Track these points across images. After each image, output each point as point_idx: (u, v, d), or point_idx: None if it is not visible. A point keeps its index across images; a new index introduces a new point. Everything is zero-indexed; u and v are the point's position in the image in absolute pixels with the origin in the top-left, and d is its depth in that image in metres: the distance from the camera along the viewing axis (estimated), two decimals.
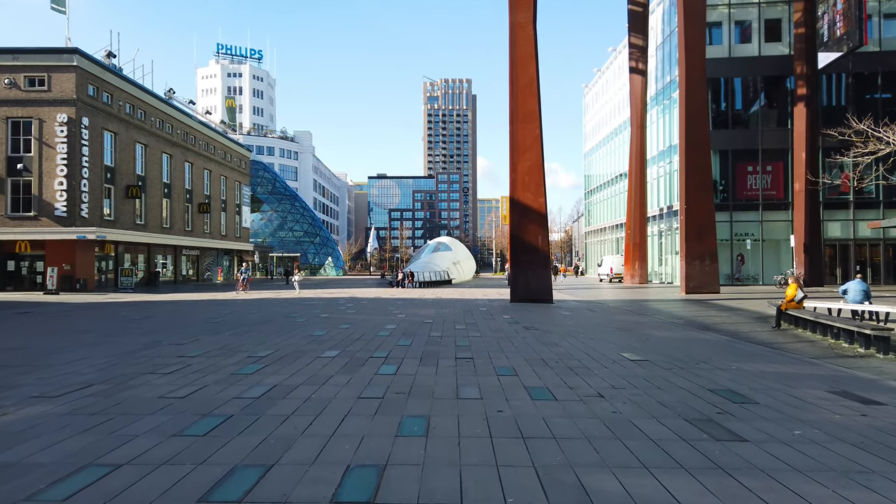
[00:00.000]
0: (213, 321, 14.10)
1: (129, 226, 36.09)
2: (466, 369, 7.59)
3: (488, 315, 15.73)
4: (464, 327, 12.62)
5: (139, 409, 5.53)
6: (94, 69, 32.75)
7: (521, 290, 20.87)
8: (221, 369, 7.55)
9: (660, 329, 12.37)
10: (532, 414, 5.33)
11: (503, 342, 10.21)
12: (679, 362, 8.11)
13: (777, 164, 32.93)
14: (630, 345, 9.90)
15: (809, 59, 29.80)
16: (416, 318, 14.85)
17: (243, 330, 12.10)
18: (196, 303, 21.53)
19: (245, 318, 14.99)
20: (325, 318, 14.87)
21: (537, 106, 20.81)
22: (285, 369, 7.55)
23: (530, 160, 20.66)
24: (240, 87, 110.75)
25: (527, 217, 20.61)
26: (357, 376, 7.09)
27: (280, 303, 21.10)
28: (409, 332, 11.57)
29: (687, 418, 5.20)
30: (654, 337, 10.99)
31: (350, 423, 5.01)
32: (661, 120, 39.38)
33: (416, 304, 20.48)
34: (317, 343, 10.03)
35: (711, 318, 15.29)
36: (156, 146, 39.53)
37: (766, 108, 33.59)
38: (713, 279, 25.38)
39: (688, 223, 25.45)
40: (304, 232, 71.45)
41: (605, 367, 7.78)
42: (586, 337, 10.94)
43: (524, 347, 9.56)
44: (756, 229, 33.32)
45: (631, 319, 14.57)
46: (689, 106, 25.55)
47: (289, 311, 17.26)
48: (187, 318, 14.96)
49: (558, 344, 9.95)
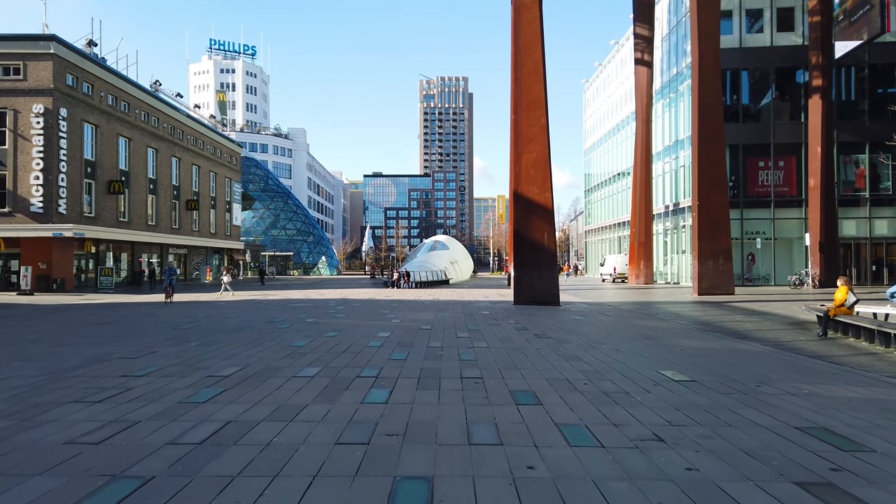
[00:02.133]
0: (183, 327, 12.52)
1: (112, 223, 34.38)
2: (476, 395, 6.06)
3: (492, 320, 14.21)
4: (467, 335, 11.10)
5: (28, 464, 3.98)
6: (73, 57, 31.03)
7: (525, 291, 19.37)
8: (167, 396, 5.99)
9: (689, 337, 10.88)
10: (576, 474, 3.81)
11: (515, 355, 8.69)
12: (736, 384, 6.61)
13: (790, 160, 31.54)
14: (665, 358, 8.40)
15: (825, 49, 28.40)
16: (412, 323, 13.32)
17: (214, 339, 10.54)
18: (176, 304, 19.93)
19: (221, 323, 13.42)
20: (310, 323, 13.31)
21: (543, 93, 19.30)
22: (248, 395, 6.00)
23: (536, 151, 19.15)
24: (233, 84, 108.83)
25: (532, 213, 19.10)
26: (338, 406, 5.55)
27: (265, 306, 19.53)
28: (404, 342, 10.03)
29: (795, 480, 3.69)
30: (688, 348, 9.50)
31: (318, 496, 3.47)
32: (666, 114, 37.96)
33: (412, 306, 18.94)
34: (295, 357, 8.49)
35: (740, 323, 13.82)
36: (140, 140, 37.81)
37: (778, 101, 32.18)
38: (727, 279, 23.96)
39: (700, 220, 24.02)
40: (297, 230, 69.71)
41: (648, 391, 6.28)
42: (610, 347, 9.44)
43: (541, 362, 8.05)
44: (767, 227, 31.93)
45: (651, 325, 13.08)
46: (703, 97, 24.10)
47: (273, 314, 15.69)
48: (158, 323, 13.38)
49: (580, 357, 8.44)
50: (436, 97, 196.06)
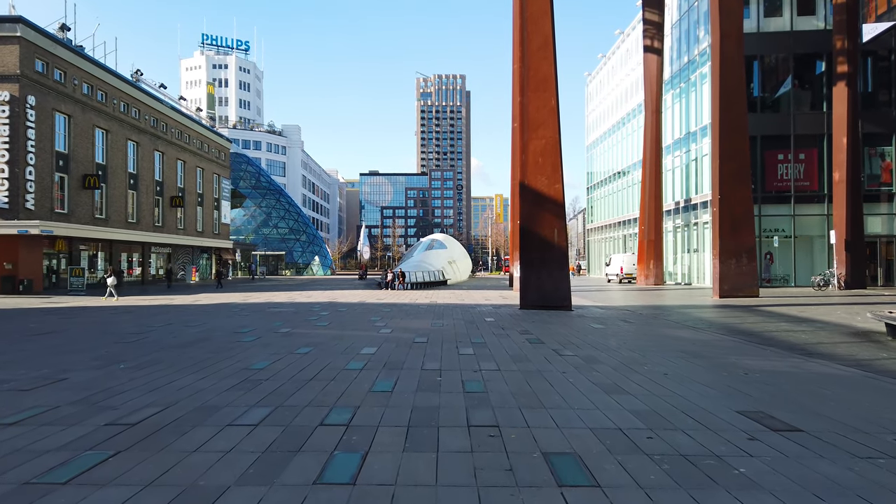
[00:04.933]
0: (128, 340, 10.42)
1: (87, 220, 32.18)
2: (494, 464, 3.99)
3: (499, 329, 12.15)
4: (471, 352, 9.03)
5: None
6: (43, 42, 28.83)
7: (532, 294, 17.32)
8: (18, 466, 3.90)
9: (743, 353, 8.84)
10: None
11: (536, 383, 6.63)
12: (867, 438, 4.55)
13: (811, 152, 29.56)
14: (732, 388, 6.35)
15: (851, 33, 26.44)
16: (404, 334, 11.25)
17: (154, 357, 8.44)
18: (141, 309, 17.81)
19: (176, 333, 11.31)
20: (282, 334, 11.21)
21: (553, 72, 17.24)
22: (143, 468, 3.91)
23: (545, 137, 17.08)
24: (225, 80, 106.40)
25: (540, 207, 17.04)
26: (274, 495, 3.47)
27: (240, 311, 17.41)
28: (392, 364, 7.96)
29: None
30: (752, 371, 7.45)
31: None
32: (676, 105, 35.96)
33: (406, 311, 16.87)
34: (245, 388, 6.40)
35: (792, 334, 11.77)
36: (119, 132, 35.60)
37: (798, 90, 30.19)
38: (751, 280, 21.96)
39: (722, 216, 21.99)
40: (289, 229, 67.45)
41: (745, 451, 4.22)
42: (653, 370, 7.38)
43: (573, 396, 5.99)
44: (787, 224, 29.94)
45: (686, 336, 11.04)
46: (725, 81, 22.07)
47: (243, 322, 13.59)
48: (105, 333, 11.27)
49: (623, 388, 6.38)
50: (433, 95, 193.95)
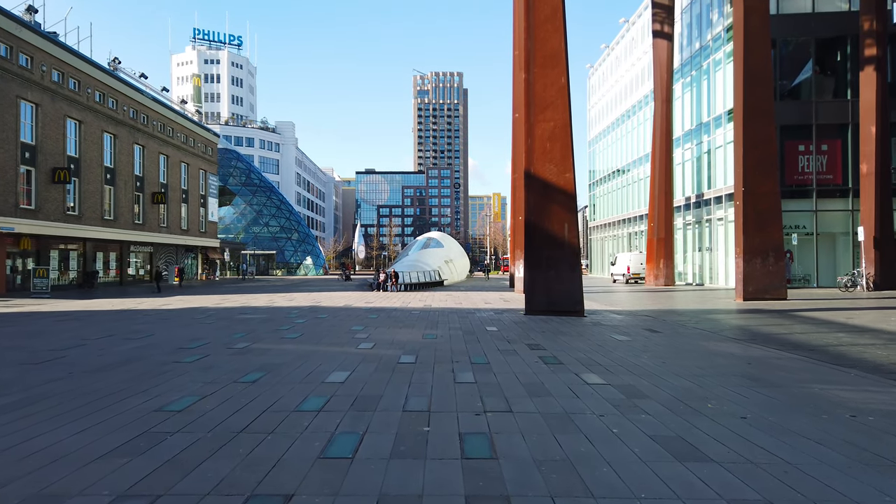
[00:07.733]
0: (40, 360, 8.28)
1: (57, 216, 30.00)
2: None
3: (503, 342, 10.06)
4: (471, 379, 6.94)
5: None
6: (5, 23, 26.61)
7: (539, 298, 15.25)
8: None
9: (826, 381, 6.77)
10: None
11: (567, 440, 4.53)
12: None
13: (834, 143, 27.56)
14: (856, 446, 4.26)
15: (880, 13, 24.43)
16: (389, 350, 9.15)
17: (45, 391, 6.32)
18: (95, 315, 15.67)
19: (105, 351, 9.18)
20: (236, 351, 9.09)
21: (563, 45, 15.15)
22: None
23: (554, 119, 15.00)
24: (217, 75, 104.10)
25: (549, 199, 14.97)
26: None
27: (204, 318, 15.27)
28: (364, 401, 5.84)
29: None
30: (857, 410, 5.36)
31: None
32: (686, 95, 33.93)
33: (395, 318, 14.76)
34: (132, 452, 4.27)
35: (863, 348, 9.69)
36: (94, 123, 33.39)
37: (819, 76, 28.19)
38: (778, 281, 19.94)
39: (746, 211, 19.95)
40: (280, 227, 65.20)
41: None
42: (724, 411, 5.29)
43: (633, 471, 3.88)
44: (808, 221, 27.93)
45: (737, 353, 8.98)
46: (750, 61, 20.01)
47: (197, 334, 11.44)
48: (16, 349, 9.15)
49: (699, 449, 4.28)
50: (430, 93, 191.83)
